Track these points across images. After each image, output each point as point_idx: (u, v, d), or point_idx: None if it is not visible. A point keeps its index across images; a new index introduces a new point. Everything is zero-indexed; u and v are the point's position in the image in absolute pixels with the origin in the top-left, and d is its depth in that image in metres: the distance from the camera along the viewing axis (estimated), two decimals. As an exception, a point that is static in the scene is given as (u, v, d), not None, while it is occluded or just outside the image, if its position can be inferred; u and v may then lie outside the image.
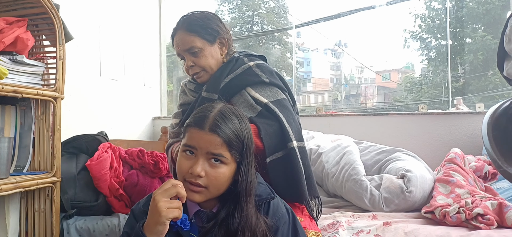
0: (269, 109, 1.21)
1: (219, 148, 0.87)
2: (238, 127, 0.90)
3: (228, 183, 0.90)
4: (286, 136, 1.17)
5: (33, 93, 1.28)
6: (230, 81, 1.26)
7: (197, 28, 1.26)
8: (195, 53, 1.26)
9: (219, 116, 0.89)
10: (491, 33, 7.35)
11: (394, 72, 13.57)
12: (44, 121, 1.40)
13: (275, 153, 1.16)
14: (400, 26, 8.09)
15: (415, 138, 2.42)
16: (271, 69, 1.32)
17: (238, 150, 0.89)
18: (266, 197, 0.95)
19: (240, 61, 1.31)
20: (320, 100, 12.07)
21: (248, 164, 0.91)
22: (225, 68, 1.29)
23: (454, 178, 1.60)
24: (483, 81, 6.99)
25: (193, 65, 1.27)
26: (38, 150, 1.39)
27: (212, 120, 0.88)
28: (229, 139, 0.87)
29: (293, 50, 7.91)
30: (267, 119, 1.19)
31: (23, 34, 1.30)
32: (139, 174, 1.61)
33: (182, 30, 1.27)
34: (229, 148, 0.88)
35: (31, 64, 1.31)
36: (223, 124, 0.88)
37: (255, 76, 1.27)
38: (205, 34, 1.27)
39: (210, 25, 1.28)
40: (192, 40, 1.25)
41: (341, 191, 1.73)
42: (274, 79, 1.29)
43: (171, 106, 5.23)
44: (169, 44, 6.96)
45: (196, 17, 1.28)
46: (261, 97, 1.23)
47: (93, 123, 2.20)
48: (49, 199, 1.36)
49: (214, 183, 0.88)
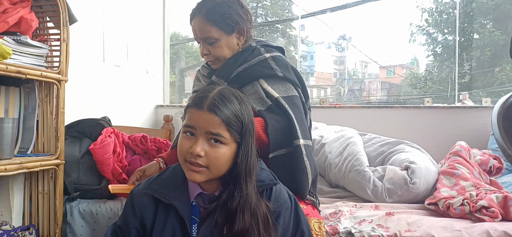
0: (279, 105, 1.19)
1: (218, 127, 0.86)
2: (237, 108, 0.90)
3: (228, 163, 0.90)
4: (293, 133, 1.16)
5: (37, 75, 1.27)
6: (243, 71, 1.25)
7: (216, 17, 1.22)
8: (212, 43, 1.24)
9: (218, 96, 0.89)
10: (499, 28, 7.25)
11: (399, 68, 13.48)
12: (48, 103, 1.40)
13: (279, 150, 1.15)
14: (406, 20, 7.99)
15: (419, 131, 2.40)
16: (287, 62, 1.29)
17: (237, 130, 0.89)
18: (269, 183, 0.95)
19: (257, 51, 1.28)
20: (323, 94, 12.03)
21: (248, 145, 0.90)
22: (240, 57, 1.26)
23: (459, 170, 1.58)
24: (490, 77, 6.92)
25: (208, 53, 1.26)
26: (42, 132, 1.40)
27: (211, 100, 0.88)
28: (228, 119, 0.87)
29: (298, 43, 7.85)
30: (276, 114, 1.17)
31: (27, 15, 1.29)
32: (142, 160, 1.61)
33: (200, 17, 1.23)
34: (228, 128, 0.87)
35: (35, 46, 1.30)
36: (222, 104, 0.88)
37: (269, 69, 1.24)
38: (223, 25, 1.23)
39: (230, 14, 1.23)
40: (209, 30, 1.22)
41: (344, 181, 1.72)
42: (289, 74, 1.25)
43: (174, 97, 5.23)
44: (173, 34, 6.94)
45: (217, 4, 1.23)
46: (273, 91, 1.21)
47: (96, 108, 2.20)
48: (53, 181, 1.36)
49: (214, 163, 0.88)
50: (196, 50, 10.80)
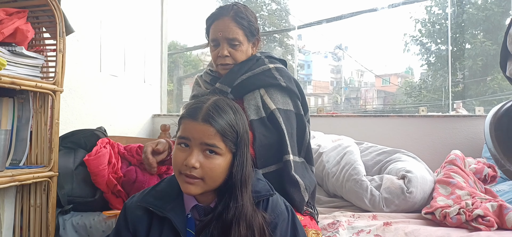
0: (273, 118, 1.20)
1: (213, 138, 0.86)
2: (232, 118, 0.89)
3: (224, 174, 0.89)
4: (284, 149, 1.17)
5: (31, 86, 1.26)
6: (247, 79, 1.26)
7: (245, 22, 1.26)
8: (235, 45, 1.26)
9: (212, 107, 0.88)
10: (490, 39, 7.37)
11: (394, 77, 13.60)
12: (42, 114, 1.38)
13: (269, 166, 1.16)
14: (400, 30, 8.09)
15: (415, 140, 2.41)
16: (290, 74, 1.31)
17: (232, 141, 0.89)
18: (265, 194, 0.94)
19: (261, 61, 1.30)
20: (320, 103, 12.09)
21: (243, 155, 0.90)
22: (244, 65, 1.28)
23: (455, 179, 1.59)
24: (482, 86, 7.00)
25: (228, 56, 1.26)
26: (35, 144, 1.38)
27: (205, 111, 0.87)
28: (223, 129, 0.87)
29: (295, 52, 7.92)
30: (266, 128, 1.19)
31: (23, 26, 1.29)
32: (138, 171, 1.59)
33: (229, 17, 1.25)
34: (223, 138, 0.87)
35: (30, 56, 1.30)
36: (216, 114, 0.87)
37: (272, 79, 1.26)
38: (248, 31, 1.27)
39: (254, 23, 1.29)
40: (236, 32, 1.25)
41: (341, 191, 1.71)
42: (291, 85, 1.28)
43: (171, 105, 5.21)
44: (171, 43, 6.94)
45: (245, 11, 1.28)
46: (271, 102, 1.22)
47: (92, 118, 2.19)
48: (46, 193, 1.35)
49: (209, 174, 0.87)
50: (194, 58, 10.81)
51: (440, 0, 7.72)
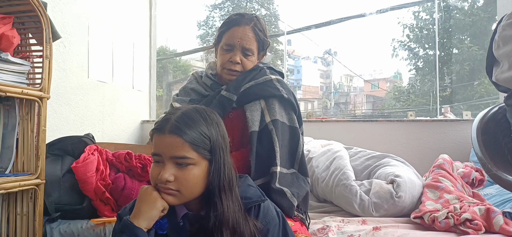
0: (266, 130, 1.22)
1: (181, 150, 0.84)
2: (203, 125, 0.88)
3: (202, 183, 0.88)
4: (272, 161, 1.19)
5: (17, 92, 1.24)
6: (250, 88, 1.27)
7: (261, 36, 1.29)
8: (248, 55, 1.28)
9: (180, 117, 0.87)
10: (477, 44, 7.53)
11: (383, 81, 13.76)
12: (29, 121, 1.36)
13: (261, 178, 1.18)
14: (389, 35, 8.21)
15: (404, 144, 2.44)
16: (289, 87, 1.34)
17: (205, 148, 0.87)
18: (256, 200, 0.94)
19: (263, 71, 1.32)
20: (310, 108, 12.17)
21: (220, 161, 0.88)
22: (248, 75, 1.29)
23: (443, 183, 1.61)
24: (470, 90, 7.13)
25: (239, 63, 1.27)
26: (21, 151, 1.36)
27: (173, 123, 0.86)
28: (192, 139, 0.85)
29: (284, 57, 7.96)
30: (261, 141, 1.21)
31: (8, 32, 1.27)
32: (126, 177, 1.58)
33: (249, 27, 1.27)
34: (194, 147, 0.85)
35: (16, 63, 1.28)
36: (184, 124, 0.85)
37: (275, 89, 1.28)
38: (261, 43, 1.30)
39: (267, 38, 1.32)
40: (253, 43, 1.27)
41: (331, 196, 1.72)
42: (291, 97, 1.30)
43: (160, 111, 5.17)
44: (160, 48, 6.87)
45: (263, 24, 1.32)
46: (267, 115, 1.24)
47: (80, 125, 2.16)
48: (32, 201, 1.32)
49: (185, 185, 0.85)
50: (183, 64, 10.77)
51: (427, 6, 7.86)
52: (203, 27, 11.39)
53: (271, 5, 11.53)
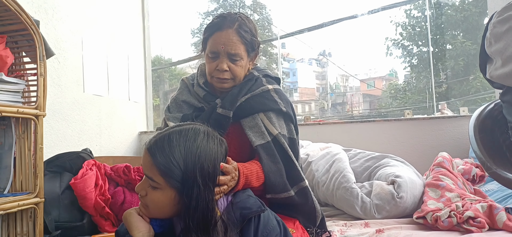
0: (277, 143, 1.17)
1: (150, 170, 0.84)
2: (178, 153, 0.83)
3: (168, 208, 0.86)
4: (296, 175, 1.17)
5: (13, 112, 1.23)
6: (246, 101, 1.19)
7: (248, 37, 1.19)
8: (235, 60, 1.17)
9: (161, 139, 0.86)
10: (470, 39, 7.57)
11: (378, 80, 13.80)
12: (26, 140, 1.35)
13: (281, 193, 1.13)
14: (382, 35, 8.25)
15: (402, 143, 2.44)
16: (286, 97, 1.27)
17: (175, 178, 0.83)
18: (256, 210, 0.93)
19: (259, 81, 1.24)
20: (307, 109, 12.18)
21: (190, 196, 0.82)
22: (244, 86, 1.21)
23: (444, 182, 1.60)
24: (465, 85, 7.17)
25: (227, 70, 1.17)
26: (19, 170, 1.34)
27: (152, 142, 0.86)
28: (159, 163, 0.83)
29: (279, 61, 7.96)
30: (271, 155, 1.15)
31: (2, 52, 1.26)
32: (126, 191, 1.57)
33: (232, 31, 1.16)
34: (161, 172, 0.83)
35: (10, 82, 1.27)
36: (158, 147, 0.84)
37: (273, 102, 1.21)
38: (249, 46, 1.20)
39: (256, 37, 1.22)
40: (239, 47, 1.17)
41: (332, 199, 1.71)
42: (289, 109, 1.24)
43: (158, 120, 5.13)
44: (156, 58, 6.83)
45: (249, 24, 1.21)
46: (272, 127, 1.18)
47: (77, 140, 2.14)
48: (32, 221, 1.30)
49: (150, 205, 0.87)
50: (179, 72, 10.76)
51: (418, 3, 7.91)
52: (197, 34, 11.40)
53: (264, 10, 11.58)
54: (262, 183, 1.11)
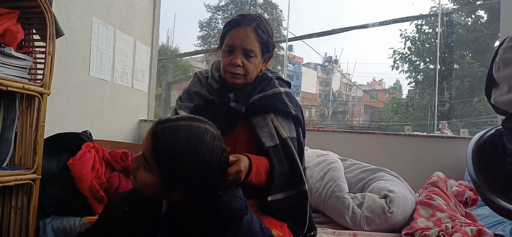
0: (286, 146, 1.20)
1: (148, 153, 0.84)
2: (177, 148, 0.82)
3: (154, 192, 0.86)
4: (299, 178, 1.19)
5: (19, 87, 1.25)
6: (258, 99, 1.23)
7: (264, 37, 1.23)
8: (250, 57, 1.22)
9: (168, 129, 0.84)
10: (478, 60, 7.55)
11: (382, 93, 13.77)
12: (28, 116, 1.37)
13: (280, 193, 1.16)
14: (390, 47, 8.25)
15: (399, 158, 2.46)
16: (297, 100, 1.32)
17: (167, 171, 0.83)
18: (238, 212, 0.90)
19: (272, 82, 1.29)
20: (307, 115, 12.19)
21: (190, 197, 0.82)
22: (258, 85, 1.26)
23: (436, 201, 1.62)
24: (468, 107, 7.16)
25: (240, 66, 1.21)
26: (19, 145, 1.36)
27: (160, 127, 0.85)
28: (158, 152, 0.82)
29: (285, 63, 7.97)
30: (279, 158, 1.18)
31: (12, 27, 1.28)
32: (121, 177, 1.58)
33: (250, 28, 1.21)
34: (157, 161, 0.83)
35: (19, 57, 1.29)
36: (164, 136, 0.83)
37: (283, 105, 1.25)
38: (264, 45, 1.24)
39: (272, 39, 1.27)
40: (254, 44, 1.21)
41: (324, 207, 1.73)
42: (298, 112, 1.28)
43: (159, 110, 5.16)
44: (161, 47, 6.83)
45: (267, 25, 1.26)
46: (282, 130, 1.22)
47: (78, 121, 2.16)
48: (27, 196, 1.33)
49: (139, 181, 0.87)
50: (183, 64, 10.78)
51: (430, 20, 7.91)
52: (205, 28, 11.43)
53: (274, 10, 11.58)
54: (270, 181, 1.14)
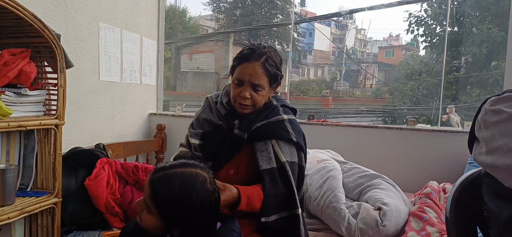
0: (283, 170, 1.28)
1: (148, 199, 0.96)
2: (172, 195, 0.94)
3: (157, 231, 0.99)
4: (293, 202, 1.27)
5: (36, 124, 1.36)
6: (261, 126, 1.32)
7: (272, 70, 1.30)
8: (258, 90, 1.30)
9: (163, 178, 0.95)
10: (498, 25, 7.22)
11: (398, 49, 13.37)
12: (46, 144, 1.49)
13: (273, 214, 1.25)
14: (405, 10, 7.92)
15: (402, 152, 2.54)
16: (299, 128, 1.39)
17: (166, 214, 0.95)
18: None
19: (276, 110, 1.37)
20: (319, 74, 12.02)
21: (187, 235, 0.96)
22: (262, 113, 1.34)
23: (427, 215, 1.71)
24: (484, 74, 6.98)
25: (249, 98, 1.30)
26: (40, 170, 1.50)
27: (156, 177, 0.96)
28: (156, 199, 0.94)
29: (292, 19, 7.77)
30: (275, 181, 1.27)
31: (26, 67, 1.35)
32: (134, 190, 1.72)
33: (259, 64, 1.28)
34: (156, 206, 0.95)
35: (34, 95, 1.38)
36: (160, 185, 0.94)
37: (285, 132, 1.33)
38: (272, 78, 1.31)
39: (280, 71, 1.33)
40: (262, 79, 1.28)
41: (321, 215, 1.85)
42: (300, 140, 1.35)
43: (169, 73, 5.13)
44: (169, 8, 6.63)
45: (275, 58, 1.32)
46: (282, 155, 1.30)
47: (91, 125, 2.25)
48: (51, 216, 1.48)
49: (144, 222, 1.00)
50: (192, 25, 10.63)
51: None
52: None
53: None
54: (262, 203, 1.25)
